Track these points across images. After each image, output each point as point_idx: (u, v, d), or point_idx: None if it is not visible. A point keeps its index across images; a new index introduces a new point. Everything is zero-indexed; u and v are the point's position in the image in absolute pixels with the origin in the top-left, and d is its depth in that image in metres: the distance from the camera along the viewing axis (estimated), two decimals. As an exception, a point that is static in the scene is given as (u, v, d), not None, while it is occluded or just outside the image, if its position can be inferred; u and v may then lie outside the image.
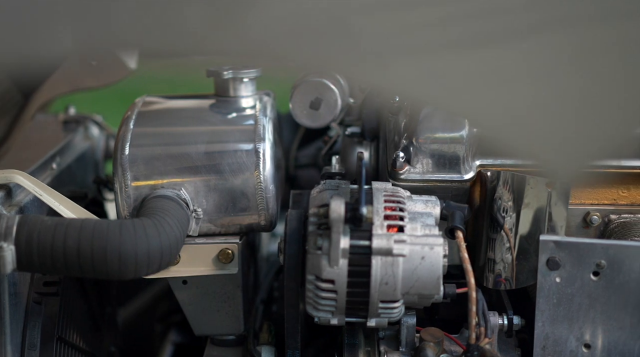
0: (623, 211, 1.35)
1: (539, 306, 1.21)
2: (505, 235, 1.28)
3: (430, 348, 1.22)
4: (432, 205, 1.23)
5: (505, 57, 0.61)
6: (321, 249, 1.16)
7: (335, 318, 1.20)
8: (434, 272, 1.17)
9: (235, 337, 1.38)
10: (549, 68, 0.63)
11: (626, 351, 1.21)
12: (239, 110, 1.39)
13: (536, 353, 1.23)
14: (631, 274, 1.18)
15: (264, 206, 1.31)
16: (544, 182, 1.24)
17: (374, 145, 1.50)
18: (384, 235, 1.16)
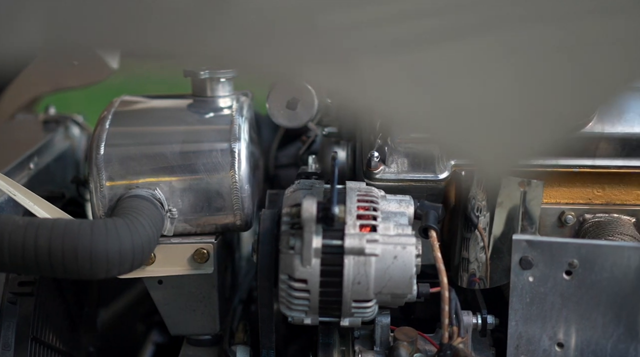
0: (598, 210, 1.36)
1: (512, 305, 1.22)
2: (479, 234, 1.28)
3: (403, 347, 1.23)
4: (405, 204, 1.24)
5: (442, 57, 0.61)
6: (293, 249, 1.16)
7: (308, 318, 1.21)
8: (406, 272, 1.17)
9: (211, 337, 1.38)
10: (484, 68, 0.64)
11: (598, 349, 1.22)
12: (215, 110, 1.40)
13: (509, 352, 1.24)
14: (603, 273, 1.19)
15: (240, 206, 1.31)
16: (516, 181, 1.25)
17: (351, 145, 1.51)
18: (356, 234, 1.16)
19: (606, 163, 1.32)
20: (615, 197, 1.36)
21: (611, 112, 1.32)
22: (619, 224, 1.33)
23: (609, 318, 1.21)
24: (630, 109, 1.32)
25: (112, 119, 1.35)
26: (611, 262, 1.19)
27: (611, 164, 1.32)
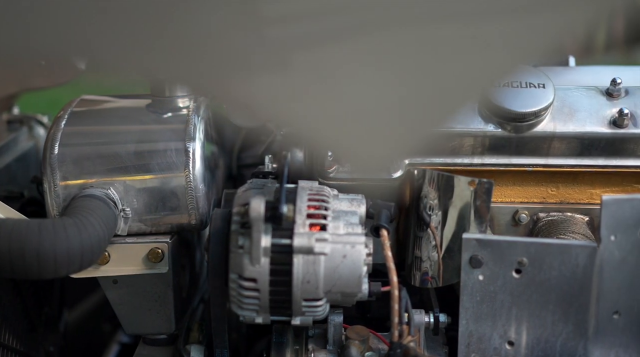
0: (551, 209, 1.38)
1: (462, 303, 1.24)
2: (431, 233, 1.30)
3: (355, 346, 1.25)
4: (357, 204, 1.26)
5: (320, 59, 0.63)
6: (243, 248, 1.18)
7: (260, 317, 1.23)
8: (355, 271, 1.19)
9: (167, 336, 1.40)
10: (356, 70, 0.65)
11: (548, 347, 1.24)
12: (172, 110, 1.41)
13: (461, 351, 1.26)
14: (552, 271, 1.21)
15: (194, 205, 1.33)
16: (467, 180, 1.27)
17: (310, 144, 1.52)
18: (305, 233, 1.18)
19: (559, 162, 1.35)
20: (569, 196, 1.38)
21: (563, 111, 1.34)
22: (572, 222, 1.35)
23: (558, 316, 1.23)
24: (582, 108, 1.35)
25: (68, 119, 1.37)
26: (559, 260, 1.21)
27: (564, 163, 1.35)
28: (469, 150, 1.34)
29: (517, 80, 1.33)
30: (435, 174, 1.29)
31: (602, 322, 1.22)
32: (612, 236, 1.19)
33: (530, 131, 1.33)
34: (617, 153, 1.34)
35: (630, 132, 1.32)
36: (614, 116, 1.33)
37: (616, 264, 1.20)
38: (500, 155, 1.35)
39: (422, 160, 1.35)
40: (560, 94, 1.36)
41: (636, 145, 1.33)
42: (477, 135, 1.34)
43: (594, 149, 1.33)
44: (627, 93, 1.36)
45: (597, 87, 1.38)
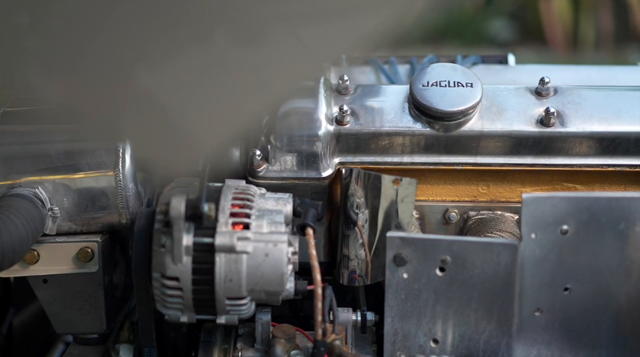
0: (482, 207, 1.41)
1: (387, 301, 1.27)
2: (358, 231, 1.33)
3: (280, 345, 1.28)
4: (283, 202, 1.29)
5: None
6: (165, 247, 1.21)
7: (185, 316, 1.25)
8: (278, 269, 1.22)
9: (98, 335, 1.43)
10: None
11: (472, 345, 1.27)
12: None
13: (386, 349, 1.29)
14: (474, 269, 1.24)
15: (124, 205, 1.36)
16: (391, 179, 1.30)
17: (245, 143, 1.55)
18: (227, 232, 1.21)
19: (488, 161, 1.38)
20: (499, 195, 1.41)
21: (491, 110, 1.37)
22: (500, 221, 1.38)
23: (481, 314, 1.26)
24: (510, 106, 1.38)
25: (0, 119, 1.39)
26: (482, 258, 1.24)
27: (493, 162, 1.38)
28: (399, 149, 1.37)
29: (446, 80, 1.36)
30: (361, 173, 1.32)
31: (524, 319, 1.25)
32: (533, 234, 1.22)
33: (458, 130, 1.36)
34: (545, 152, 1.37)
35: (557, 131, 1.35)
36: (541, 115, 1.36)
37: (537, 261, 1.23)
38: (430, 154, 1.38)
39: (352, 159, 1.38)
40: (489, 93, 1.39)
41: (564, 144, 1.36)
42: (406, 134, 1.36)
43: (522, 147, 1.36)
44: (556, 92, 1.39)
45: (527, 86, 1.41)
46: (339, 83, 1.40)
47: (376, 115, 1.38)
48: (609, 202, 1.21)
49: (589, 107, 1.37)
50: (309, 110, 1.37)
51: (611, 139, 1.35)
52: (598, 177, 1.38)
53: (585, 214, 1.22)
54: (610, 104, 1.37)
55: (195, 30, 0.63)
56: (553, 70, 1.66)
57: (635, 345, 1.25)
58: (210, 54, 0.64)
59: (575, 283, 1.24)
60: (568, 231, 1.22)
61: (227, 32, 0.60)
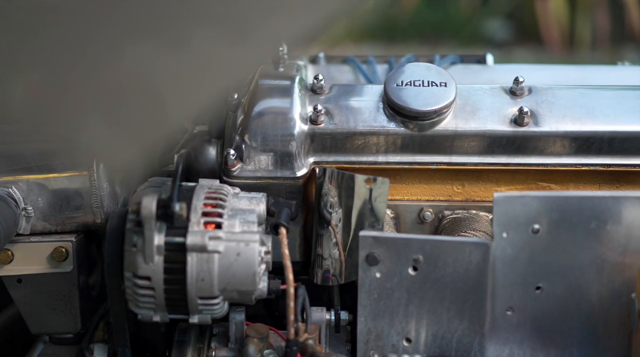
0: (457, 206, 1.42)
1: (360, 301, 1.28)
2: (332, 231, 1.34)
3: (253, 344, 1.29)
4: (256, 202, 1.30)
5: None
6: (136, 246, 1.22)
7: (157, 315, 1.26)
8: (249, 269, 1.23)
9: (73, 335, 1.44)
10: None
11: (444, 344, 1.28)
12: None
13: (359, 348, 1.30)
14: (446, 268, 1.25)
15: (99, 204, 1.37)
16: (364, 178, 1.31)
17: (221, 143, 1.56)
18: (199, 232, 1.22)
19: (462, 160, 1.39)
20: (474, 194, 1.42)
21: (465, 109, 1.38)
22: (475, 220, 1.39)
23: (453, 313, 1.27)
24: (484, 106, 1.39)
25: (-26, 118, 1.40)
26: (453, 257, 1.25)
27: (467, 161, 1.39)
28: (374, 149, 1.38)
29: (420, 79, 1.37)
30: (335, 172, 1.33)
31: (496, 318, 1.27)
32: (504, 233, 1.24)
33: (432, 129, 1.37)
34: (519, 151, 1.38)
35: (531, 130, 1.37)
36: (515, 115, 1.37)
37: (508, 260, 1.24)
38: (404, 154, 1.39)
39: (327, 159, 1.39)
40: (464, 92, 1.40)
41: (538, 143, 1.37)
42: (380, 133, 1.38)
43: (496, 147, 1.38)
44: (530, 91, 1.40)
45: (502, 86, 1.42)
46: (314, 82, 1.41)
47: (350, 114, 1.39)
48: (580, 201, 1.23)
49: (563, 106, 1.38)
50: (283, 109, 1.38)
51: (585, 138, 1.36)
52: (572, 177, 1.39)
53: (557, 213, 1.23)
54: (584, 103, 1.39)
55: (121, 35, 0.64)
56: (531, 70, 1.68)
57: (607, 344, 1.26)
58: (140, 59, 0.65)
59: (547, 282, 1.25)
60: (539, 230, 1.23)
61: (158, 36, 0.61)
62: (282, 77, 1.44)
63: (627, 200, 1.22)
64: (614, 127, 1.36)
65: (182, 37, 0.62)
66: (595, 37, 6.38)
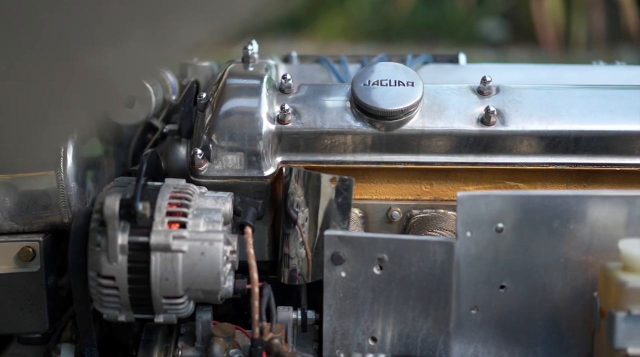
0: (425, 206, 1.44)
1: (326, 300, 1.30)
2: (298, 230, 1.36)
3: (218, 344, 1.30)
4: (222, 201, 1.31)
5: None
6: (100, 246, 1.23)
7: (122, 315, 1.28)
8: (214, 268, 1.24)
9: (41, 335, 1.45)
10: None
11: (410, 343, 1.30)
12: None
13: (325, 347, 1.31)
14: (411, 267, 1.27)
15: (66, 204, 1.38)
16: (329, 178, 1.33)
17: (190, 142, 1.57)
18: (162, 231, 1.23)
19: (430, 159, 1.40)
20: (442, 193, 1.43)
21: (432, 109, 1.40)
22: (442, 219, 1.40)
23: (418, 312, 1.28)
24: (451, 105, 1.40)
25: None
26: (418, 257, 1.26)
27: (435, 160, 1.40)
28: (341, 148, 1.40)
29: (387, 78, 1.39)
30: (301, 172, 1.35)
31: (461, 317, 1.28)
32: (468, 232, 1.25)
33: (400, 129, 1.39)
34: (486, 150, 1.39)
35: (498, 129, 1.38)
36: (482, 114, 1.39)
37: (472, 260, 1.26)
38: (372, 153, 1.40)
39: (295, 158, 1.40)
40: (431, 91, 1.41)
41: (504, 143, 1.39)
42: (347, 133, 1.39)
43: (463, 146, 1.39)
44: (498, 91, 1.42)
45: (470, 85, 1.44)
46: (282, 82, 1.43)
47: (318, 114, 1.40)
48: (543, 200, 1.24)
49: (529, 106, 1.40)
50: (250, 109, 1.39)
51: (551, 137, 1.38)
52: (540, 176, 1.41)
53: (520, 212, 1.24)
54: (550, 102, 1.40)
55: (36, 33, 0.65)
56: (502, 69, 1.69)
57: (571, 342, 1.28)
58: (53, 56, 0.66)
59: (511, 281, 1.26)
60: (503, 229, 1.25)
61: (75, 33, 0.62)
62: (250, 77, 1.46)
63: (590, 199, 1.24)
64: (580, 127, 1.38)
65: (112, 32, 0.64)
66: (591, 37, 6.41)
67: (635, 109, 1.39)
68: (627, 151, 1.38)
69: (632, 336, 1.16)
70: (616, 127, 1.38)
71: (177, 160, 1.57)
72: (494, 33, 7.21)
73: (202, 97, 1.45)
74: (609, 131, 1.38)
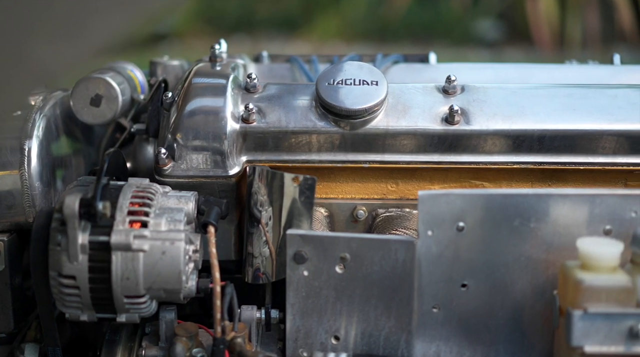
0: (391, 205, 1.45)
1: (289, 299, 1.31)
2: (261, 229, 1.37)
3: (181, 343, 1.31)
4: (185, 200, 1.32)
5: None
6: (60, 245, 1.24)
7: (85, 314, 1.29)
8: (175, 267, 1.26)
9: (6, 335, 1.46)
10: None
11: (372, 342, 1.31)
12: (22, 108, 1.47)
13: (289, 346, 1.33)
14: (373, 266, 1.28)
15: (31, 204, 1.39)
16: (291, 177, 1.34)
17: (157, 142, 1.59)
18: (123, 230, 1.25)
19: (395, 158, 1.42)
20: (408, 192, 1.45)
21: (397, 108, 1.41)
22: (407, 218, 1.42)
23: (381, 311, 1.30)
24: (416, 105, 1.42)
25: None
26: (380, 255, 1.28)
27: (400, 160, 1.42)
28: (306, 148, 1.41)
29: (351, 78, 1.40)
30: (264, 171, 1.36)
31: (423, 316, 1.29)
32: (429, 231, 1.26)
33: (364, 128, 1.40)
34: (451, 149, 1.41)
35: (462, 129, 1.39)
36: (446, 113, 1.40)
37: (434, 258, 1.27)
38: (337, 152, 1.42)
39: (260, 157, 1.41)
40: (396, 91, 1.43)
41: (469, 142, 1.40)
42: (312, 132, 1.40)
43: (428, 145, 1.40)
44: (463, 90, 1.43)
45: (436, 85, 1.45)
46: (247, 81, 1.44)
47: (283, 113, 1.41)
48: (503, 199, 1.25)
49: (494, 105, 1.41)
50: (215, 108, 1.41)
51: (515, 136, 1.39)
52: (505, 175, 1.42)
53: (481, 211, 1.26)
54: (514, 101, 1.42)
55: None
56: (473, 68, 1.71)
57: (532, 341, 1.29)
58: None
59: (472, 280, 1.28)
60: (464, 228, 1.26)
61: None
62: (216, 76, 1.47)
63: (551, 198, 1.25)
64: (544, 126, 1.39)
65: None
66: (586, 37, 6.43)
67: (599, 108, 1.40)
68: (591, 150, 1.39)
69: (589, 334, 1.17)
70: (579, 126, 1.39)
71: (146, 160, 1.59)
72: (489, 33, 7.24)
73: (168, 96, 1.46)
74: (572, 130, 1.39)
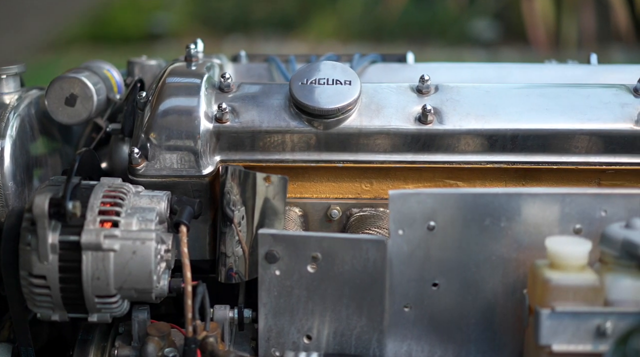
0: (365, 204, 1.46)
1: (261, 299, 1.32)
2: (234, 229, 1.38)
3: (153, 342, 1.32)
4: (157, 200, 1.33)
5: None
6: (30, 245, 1.25)
7: (56, 314, 1.30)
8: (145, 267, 1.26)
9: (-20, 335, 1.47)
10: None
11: (344, 341, 1.32)
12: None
13: (261, 345, 1.33)
14: (344, 265, 1.29)
15: (4, 204, 1.40)
16: (262, 176, 1.35)
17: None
18: (94, 230, 1.25)
19: (368, 158, 1.42)
20: (382, 192, 1.46)
21: (370, 108, 1.42)
22: (380, 218, 1.43)
23: (352, 310, 1.31)
24: (389, 104, 1.43)
25: None
26: (351, 255, 1.29)
27: (373, 159, 1.42)
28: (280, 147, 1.42)
29: (324, 77, 1.41)
30: (236, 171, 1.37)
31: (394, 315, 1.30)
32: (400, 230, 1.27)
33: (337, 127, 1.41)
34: (425, 149, 1.41)
35: (435, 128, 1.40)
36: (419, 113, 1.41)
37: (405, 258, 1.28)
38: (311, 152, 1.42)
39: (234, 157, 1.42)
40: (370, 90, 1.43)
41: (442, 141, 1.41)
42: (286, 132, 1.41)
43: (401, 145, 1.41)
44: (436, 90, 1.44)
45: (410, 84, 1.46)
46: (221, 81, 1.45)
47: (256, 113, 1.42)
48: (474, 198, 1.26)
49: (467, 104, 1.42)
50: (188, 108, 1.41)
51: (488, 136, 1.40)
52: (479, 174, 1.43)
53: (452, 210, 1.27)
54: (487, 101, 1.42)
55: None
56: (450, 68, 1.72)
57: (503, 340, 1.30)
58: None
59: (443, 279, 1.29)
60: (435, 227, 1.27)
61: None
62: (190, 76, 1.47)
63: (521, 197, 1.26)
64: (517, 125, 1.40)
65: None
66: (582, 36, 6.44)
67: (571, 107, 1.41)
68: (564, 149, 1.40)
69: (557, 333, 1.18)
70: (552, 125, 1.40)
71: (121, 159, 1.59)
72: (485, 33, 7.25)
73: (142, 96, 1.47)
74: (545, 129, 1.40)
